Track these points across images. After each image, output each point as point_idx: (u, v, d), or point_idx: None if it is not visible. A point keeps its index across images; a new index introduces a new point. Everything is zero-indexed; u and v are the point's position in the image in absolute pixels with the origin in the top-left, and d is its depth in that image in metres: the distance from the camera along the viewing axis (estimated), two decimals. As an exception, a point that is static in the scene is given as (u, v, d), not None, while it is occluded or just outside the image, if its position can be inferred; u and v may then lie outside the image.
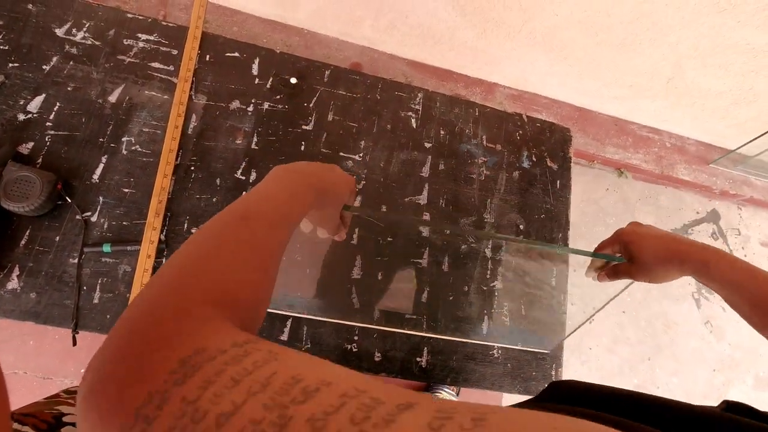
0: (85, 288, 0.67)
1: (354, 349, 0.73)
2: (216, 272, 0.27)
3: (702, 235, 1.76)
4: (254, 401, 0.16)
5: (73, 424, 0.53)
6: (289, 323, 0.72)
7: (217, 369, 0.18)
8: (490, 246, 0.82)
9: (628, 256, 0.59)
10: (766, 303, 0.48)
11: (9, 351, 1.16)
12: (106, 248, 0.67)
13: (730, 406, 0.28)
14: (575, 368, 1.51)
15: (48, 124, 0.70)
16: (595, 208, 1.67)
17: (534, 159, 0.89)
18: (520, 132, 0.90)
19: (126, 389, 0.19)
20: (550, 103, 1.60)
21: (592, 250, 0.64)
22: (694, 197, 1.78)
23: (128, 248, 0.68)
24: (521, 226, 0.85)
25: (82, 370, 1.18)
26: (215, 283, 0.26)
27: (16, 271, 0.65)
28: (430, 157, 0.84)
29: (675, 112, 1.52)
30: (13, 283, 0.64)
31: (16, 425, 0.49)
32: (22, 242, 0.66)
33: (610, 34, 1.18)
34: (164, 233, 0.70)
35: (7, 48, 0.71)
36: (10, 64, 0.71)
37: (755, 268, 0.51)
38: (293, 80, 0.82)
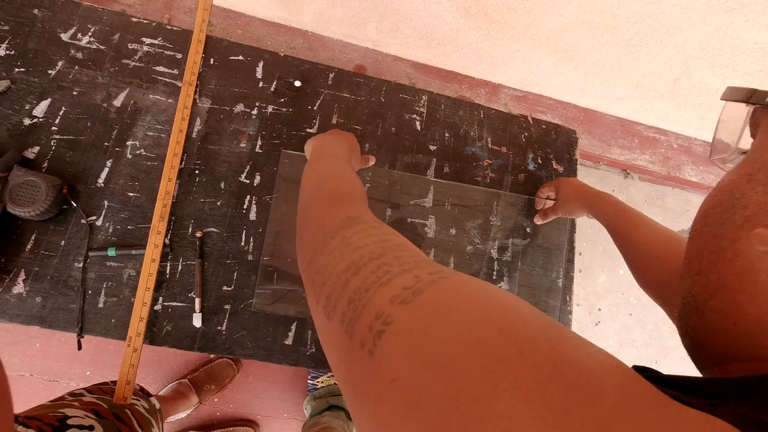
0: (90, 292, 0.67)
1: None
2: (351, 184, 0.43)
3: (709, 236, 1.74)
4: (374, 245, 0.28)
5: (78, 427, 0.53)
6: (293, 327, 0.72)
7: (363, 227, 0.31)
8: (495, 247, 0.82)
9: (555, 197, 0.80)
10: (622, 233, 0.61)
11: (15, 354, 1.17)
12: (111, 252, 0.67)
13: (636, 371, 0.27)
14: (581, 371, 1.49)
15: (53, 128, 0.70)
16: (601, 210, 1.66)
17: (540, 161, 0.89)
18: (526, 134, 0.89)
19: (321, 224, 0.35)
20: (555, 104, 1.59)
21: (597, 253, 0.65)
22: (702, 198, 1.77)
23: (133, 252, 0.68)
24: (528, 229, 0.84)
25: (88, 373, 1.19)
26: (354, 189, 0.42)
27: (22, 276, 0.65)
28: (434, 159, 0.84)
29: (682, 112, 1.51)
30: (19, 288, 0.65)
31: (20, 428, 0.49)
32: (28, 247, 0.66)
33: (616, 34, 1.17)
34: (168, 237, 0.70)
35: (13, 53, 0.71)
36: (16, 69, 0.71)
37: (628, 209, 0.63)
38: (297, 83, 0.81)
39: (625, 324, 1.57)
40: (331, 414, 1.12)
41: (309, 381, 1.24)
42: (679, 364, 1.57)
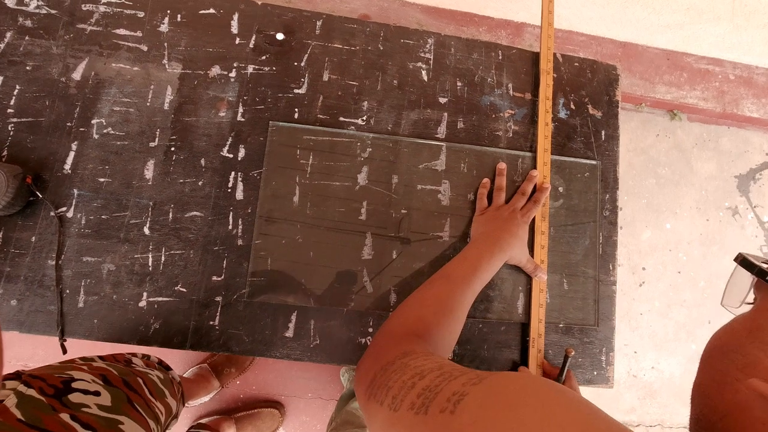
0: (68, 291, 0.61)
1: (368, 343, 0.64)
2: (418, 317, 0.50)
3: (772, 180, 1.54)
4: (431, 364, 0.37)
5: (83, 391, 0.51)
6: (294, 317, 0.64)
7: (417, 356, 0.39)
8: (522, 215, 0.70)
9: None
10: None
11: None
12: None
13: None
14: (626, 336, 1.38)
15: (9, 111, 0.62)
16: (644, 159, 1.48)
17: (572, 107, 0.75)
18: (554, 75, 0.75)
19: (372, 363, 0.42)
20: (588, 41, 1.40)
21: (639, 207, 0.54)
22: (763, 136, 1.55)
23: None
24: (560, 188, 0.71)
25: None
26: (416, 324, 0.49)
27: (-7, 278, 0.59)
28: (446, 114, 0.71)
29: (742, 36, 1.29)
30: (-9, 291, 0.59)
31: (21, 386, 0.47)
32: (-4, 245, 0.60)
33: (664, -56, 0.97)
34: (147, 226, 0.63)
35: (-46, 28, 0.63)
36: (-40, 46, 0.63)
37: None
38: (280, 36, 0.70)
39: (674, 283, 1.43)
40: None
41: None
42: (737, 324, 1.43)
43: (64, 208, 0.62)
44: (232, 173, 0.66)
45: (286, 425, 1.20)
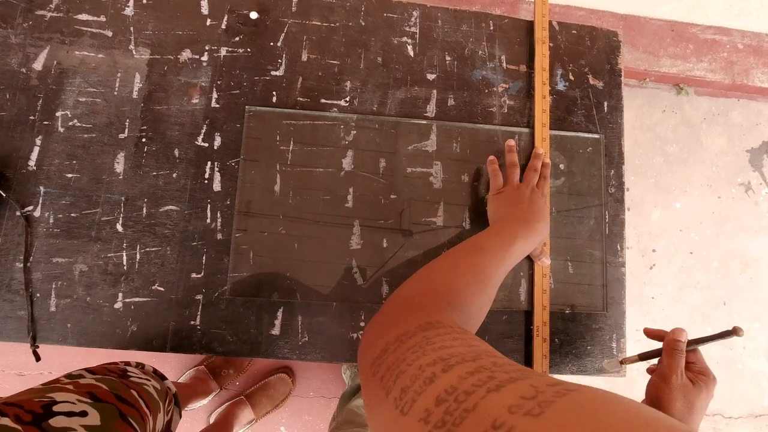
0: (38, 295, 0.57)
1: (361, 338, 0.60)
2: (449, 284, 0.41)
3: (786, 153, 1.47)
4: (462, 348, 0.27)
5: (66, 414, 0.46)
6: (280, 314, 0.60)
7: (445, 331, 0.30)
8: (521, 195, 0.65)
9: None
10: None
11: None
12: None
13: None
14: (637, 321, 1.33)
15: (-33, 106, 0.59)
16: (651, 136, 1.42)
17: (571, 78, 0.70)
18: (551, 45, 0.70)
19: (385, 330, 0.33)
20: (587, 15, 1.34)
21: (648, 186, 0.49)
22: (775, 108, 1.48)
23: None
24: (561, 166, 0.66)
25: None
26: (447, 291, 0.40)
27: (-43, 284, 0.56)
28: (435, 91, 0.67)
29: (750, 2, 1.22)
30: (-44, 298, 0.56)
31: None
32: (-41, 250, 0.56)
33: None
34: (120, 223, 0.59)
35: None
36: None
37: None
38: (253, 15, 0.65)
39: (686, 264, 1.37)
40: None
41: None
42: (753, 305, 1.37)
43: (30, 207, 0.58)
44: (208, 163, 0.61)
45: (288, 426, 1.17)
